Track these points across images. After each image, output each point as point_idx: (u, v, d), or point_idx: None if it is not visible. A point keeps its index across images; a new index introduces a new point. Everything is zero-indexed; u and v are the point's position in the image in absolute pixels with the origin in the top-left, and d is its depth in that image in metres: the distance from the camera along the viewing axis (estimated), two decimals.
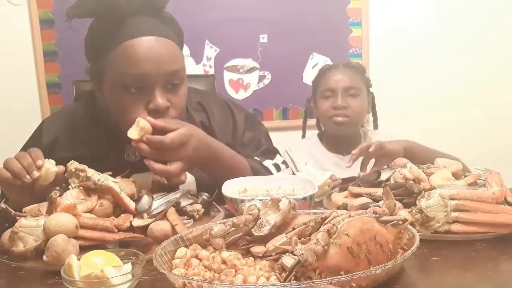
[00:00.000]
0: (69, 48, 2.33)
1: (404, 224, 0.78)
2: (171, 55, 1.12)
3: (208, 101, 1.38)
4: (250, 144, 1.38)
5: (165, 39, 1.12)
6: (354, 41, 2.54)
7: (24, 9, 2.35)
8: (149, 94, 1.10)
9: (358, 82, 1.79)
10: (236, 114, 1.39)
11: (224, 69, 2.50)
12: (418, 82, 2.60)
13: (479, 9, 2.58)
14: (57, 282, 0.78)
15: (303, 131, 2.05)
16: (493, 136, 2.63)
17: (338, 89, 1.76)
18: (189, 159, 1.08)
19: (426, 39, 2.58)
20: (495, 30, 2.59)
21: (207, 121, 1.35)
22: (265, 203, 0.82)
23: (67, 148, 1.27)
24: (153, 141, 1.03)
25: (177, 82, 1.13)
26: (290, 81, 2.53)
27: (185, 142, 1.06)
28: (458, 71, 2.61)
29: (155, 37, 1.10)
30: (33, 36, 2.36)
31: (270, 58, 2.50)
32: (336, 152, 1.83)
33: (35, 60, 2.37)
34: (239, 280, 0.70)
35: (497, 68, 2.62)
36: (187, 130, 1.07)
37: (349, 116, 1.75)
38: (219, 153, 1.17)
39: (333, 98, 1.77)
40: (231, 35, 2.45)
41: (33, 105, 2.40)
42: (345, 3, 2.51)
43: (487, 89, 2.63)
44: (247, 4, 2.45)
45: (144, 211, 0.96)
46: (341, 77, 1.78)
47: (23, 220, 0.86)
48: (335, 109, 1.75)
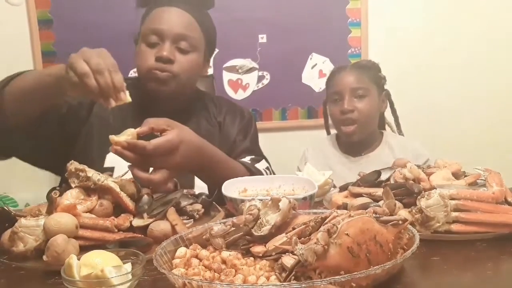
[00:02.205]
0: (67, 48, 2.28)
1: (404, 224, 0.78)
2: (183, 22, 1.34)
3: (220, 102, 1.53)
4: (240, 146, 1.42)
5: (185, 12, 1.34)
6: (353, 41, 2.54)
7: (22, 9, 2.34)
8: (161, 47, 1.31)
9: (365, 82, 1.76)
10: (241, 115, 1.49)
11: (223, 69, 2.50)
12: (417, 82, 2.60)
13: (479, 9, 2.58)
14: (57, 282, 0.78)
15: (327, 130, 2.02)
16: (493, 136, 2.63)
17: (345, 92, 1.74)
18: (178, 167, 1.02)
19: (426, 39, 2.58)
20: (495, 30, 2.59)
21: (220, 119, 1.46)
22: (265, 203, 0.82)
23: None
24: (135, 146, 0.95)
25: (185, 46, 1.33)
26: (289, 81, 2.53)
27: (172, 149, 0.99)
28: (458, 70, 2.61)
29: (178, 9, 1.34)
30: (31, 36, 2.36)
31: (269, 58, 2.50)
32: (346, 152, 1.82)
33: (33, 60, 2.37)
34: (239, 280, 0.69)
35: (497, 68, 2.62)
36: (176, 136, 1.00)
37: (357, 121, 1.73)
38: (211, 158, 1.14)
39: (340, 101, 1.75)
40: (230, 35, 2.45)
41: None
42: (344, 3, 2.51)
43: (488, 89, 2.63)
44: (246, 4, 2.45)
45: (144, 211, 0.96)
46: (347, 78, 1.76)
47: (23, 220, 0.85)
48: (342, 114, 1.74)
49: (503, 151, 2.57)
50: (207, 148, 1.13)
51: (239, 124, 1.48)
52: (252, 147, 1.45)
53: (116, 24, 2.32)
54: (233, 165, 1.23)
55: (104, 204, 0.96)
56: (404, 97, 2.58)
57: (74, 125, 1.35)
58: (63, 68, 1.02)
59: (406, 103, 2.58)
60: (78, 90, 1.01)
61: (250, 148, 1.43)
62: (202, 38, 1.38)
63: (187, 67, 1.34)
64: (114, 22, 2.33)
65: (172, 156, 1.00)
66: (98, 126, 1.36)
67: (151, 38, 1.32)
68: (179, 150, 1.01)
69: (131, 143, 0.95)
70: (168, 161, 1.00)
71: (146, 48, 1.33)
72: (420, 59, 2.59)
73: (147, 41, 1.33)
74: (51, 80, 1.08)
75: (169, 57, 1.30)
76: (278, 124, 2.55)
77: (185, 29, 1.33)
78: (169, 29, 1.31)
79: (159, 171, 0.99)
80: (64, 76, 1.01)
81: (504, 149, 2.59)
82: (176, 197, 1.01)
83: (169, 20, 1.33)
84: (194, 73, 1.39)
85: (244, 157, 1.35)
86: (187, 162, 1.04)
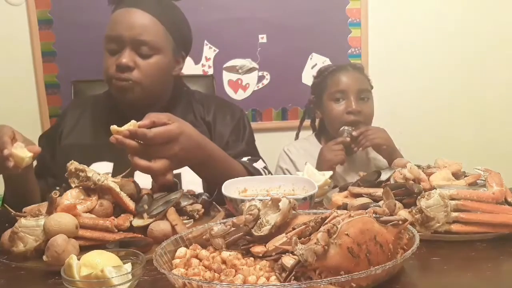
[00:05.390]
0: (67, 48, 2.32)
1: (404, 224, 0.78)
2: (143, 26, 1.28)
3: (208, 100, 1.48)
4: (235, 145, 1.40)
5: (147, 13, 1.29)
6: (353, 42, 2.54)
7: (22, 9, 2.33)
8: (120, 54, 1.28)
9: (367, 84, 1.77)
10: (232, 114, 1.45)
11: (223, 70, 2.49)
12: (417, 82, 2.60)
13: (480, 9, 2.58)
14: (57, 282, 0.78)
15: (298, 131, 2.01)
16: (494, 136, 2.63)
17: (351, 92, 1.72)
18: (176, 158, 1.03)
19: (426, 40, 2.57)
20: (496, 30, 2.59)
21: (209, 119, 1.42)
22: (265, 203, 0.82)
23: (86, 135, 1.38)
24: (136, 134, 0.98)
25: (146, 51, 1.29)
26: (289, 81, 2.53)
27: (171, 139, 1.01)
28: (457, 71, 2.61)
29: (137, 10, 1.29)
30: (31, 36, 2.35)
31: (269, 59, 2.50)
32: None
33: (33, 61, 2.36)
34: (239, 280, 0.70)
35: (498, 69, 2.62)
36: (176, 128, 1.02)
37: (362, 123, 1.72)
38: (211, 154, 1.13)
39: (346, 101, 1.72)
40: (230, 35, 2.44)
41: (32, 106, 2.39)
42: (344, 3, 2.50)
43: (488, 89, 2.63)
44: (246, 4, 2.45)
45: (144, 211, 0.96)
46: (352, 79, 1.74)
47: (23, 220, 0.86)
48: (349, 114, 1.71)
49: (503, 151, 2.57)
50: (207, 143, 1.13)
51: (230, 122, 1.44)
52: (248, 150, 1.42)
53: None
54: (232, 164, 1.22)
55: (104, 204, 0.96)
56: (405, 97, 2.59)
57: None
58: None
59: (407, 103, 2.59)
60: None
61: (247, 151, 1.41)
62: (167, 37, 1.33)
63: (150, 71, 1.30)
64: None
65: (172, 146, 1.01)
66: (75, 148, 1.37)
67: (110, 45, 1.30)
68: (179, 141, 1.02)
69: (132, 131, 0.97)
70: (167, 151, 1.01)
71: (108, 55, 1.31)
72: (420, 59, 2.58)
73: (108, 48, 1.31)
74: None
75: (127, 65, 1.27)
76: (278, 124, 2.55)
77: (145, 33, 1.28)
78: (128, 35, 1.27)
79: (159, 160, 1.01)
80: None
81: (504, 149, 2.59)
82: (176, 197, 1.01)
83: (127, 25, 1.28)
84: (160, 76, 1.34)
85: (241, 159, 1.34)
86: (186, 154, 1.04)
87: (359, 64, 1.85)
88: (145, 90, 1.31)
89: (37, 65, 2.36)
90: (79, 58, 2.31)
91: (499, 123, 2.65)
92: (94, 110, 1.45)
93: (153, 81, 1.32)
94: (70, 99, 1.88)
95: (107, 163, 1.33)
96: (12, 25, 2.34)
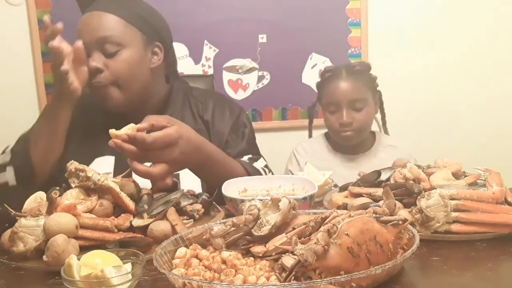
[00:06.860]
0: None
1: (404, 224, 0.78)
2: (101, 24, 1.27)
3: (206, 97, 1.45)
4: (235, 144, 1.39)
5: (102, 12, 1.28)
6: (353, 41, 2.54)
7: (22, 9, 2.34)
8: (90, 59, 1.26)
9: (362, 91, 1.72)
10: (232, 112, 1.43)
11: (223, 69, 2.50)
12: (417, 82, 2.60)
13: (480, 9, 2.58)
14: (57, 282, 0.78)
15: (310, 132, 2.01)
16: (494, 136, 2.63)
17: (342, 104, 1.69)
18: (176, 162, 1.03)
19: (426, 39, 2.58)
20: (496, 30, 2.59)
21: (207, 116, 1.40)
22: (265, 203, 0.82)
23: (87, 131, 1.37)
24: (135, 139, 0.97)
25: (111, 47, 1.26)
26: (289, 81, 2.53)
27: (171, 143, 1.00)
28: (458, 70, 2.61)
29: (97, 12, 1.28)
30: (31, 36, 2.35)
31: (269, 58, 2.50)
32: (342, 151, 1.81)
33: (33, 61, 2.37)
34: (239, 280, 0.70)
35: (498, 68, 2.62)
36: (175, 131, 1.01)
37: (355, 130, 1.71)
38: (210, 156, 1.13)
39: (338, 113, 1.71)
40: (230, 35, 2.44)
41: (32, 105, 2.39)
42: (344, 3, 2.51)
43: (488, 89, 2.63)
44: (246, 4, 2.45)
45: (144, 211, 0.96)
46: (345, 87, 1.70)
47: (23, 220, 0.86)
48: (341, 126, 1.71)
49: (503, 151, 2.57)
50: (206, 145, 1.13)
51: (229, 119, 1.42)
52: (249, 148, 1.41)
53: None
54: (232, 164, 1.22)
55: (104, 204, 0.96)
56: (405, 97, 2.59)
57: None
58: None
59: (407, 103, 2.59)
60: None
61: (248, 150, 1.40)
62: (130, 30, 1.29)
63: (121, 68, 1.27)
64: None
65: (171, 150, 1.01)
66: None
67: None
68: (178, 145, 1.02)
69: (131, 135, 0.97)
70: (166, 155, 1.01)
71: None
72: (420, 59, 2.58)
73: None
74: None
75: (96, 67, 1.26)
76: (278, 124, 2.55)
77: (102, 29, 1.26)
78: (89, 38, 1.26)
79: (158, 165, 1.01)
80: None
81: (504, 149, 2.59)
82: (176, 197, 1.00)
83: (87, 29, 1.28)
84: (133, 70, 1.30)
85: (241, 158, 1.34)
86: (185, 157, 1.04)
87: (360, 66, 1.77)
88: (123, 88, 1.28)
89: (37, 65, 2.37)
90: None
91: (499, 123, 2.65)
92: (92, 106, 1.41)
93: (127, 78, 1.29)
94: None
95: (109, 157, 1.32)
96: (12, 25, 2.34)
